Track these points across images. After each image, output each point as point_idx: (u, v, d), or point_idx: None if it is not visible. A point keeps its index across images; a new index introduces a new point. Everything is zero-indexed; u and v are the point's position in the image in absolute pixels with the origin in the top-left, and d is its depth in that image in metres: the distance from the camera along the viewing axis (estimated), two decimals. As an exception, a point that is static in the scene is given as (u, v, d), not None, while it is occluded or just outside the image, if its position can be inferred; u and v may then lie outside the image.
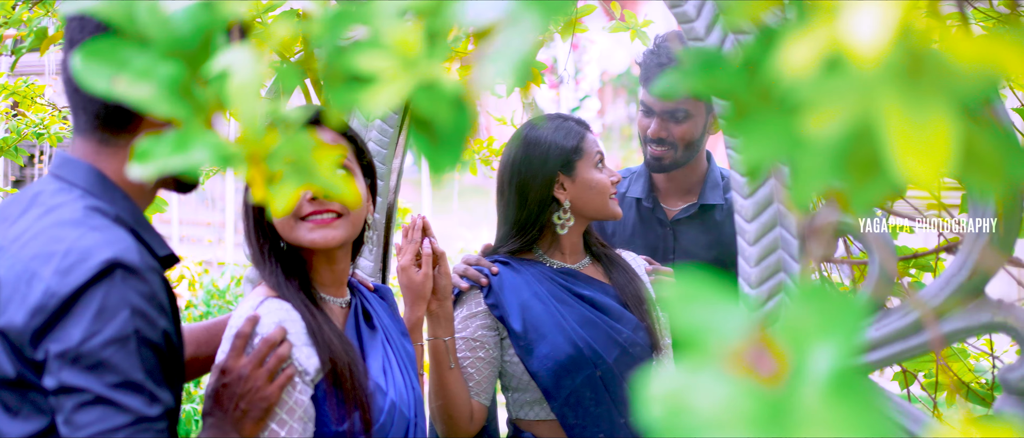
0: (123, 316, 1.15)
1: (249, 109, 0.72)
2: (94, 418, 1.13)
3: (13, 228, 1.26)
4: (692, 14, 1.65)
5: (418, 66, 0.70)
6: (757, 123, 0.68)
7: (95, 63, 0.80)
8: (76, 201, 1.24)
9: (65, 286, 1.15)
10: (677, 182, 2.51)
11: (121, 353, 1.14)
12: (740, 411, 0.45)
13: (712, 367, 0.47)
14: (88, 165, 1.28)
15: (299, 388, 1.52)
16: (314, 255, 1.65)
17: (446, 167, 0.74)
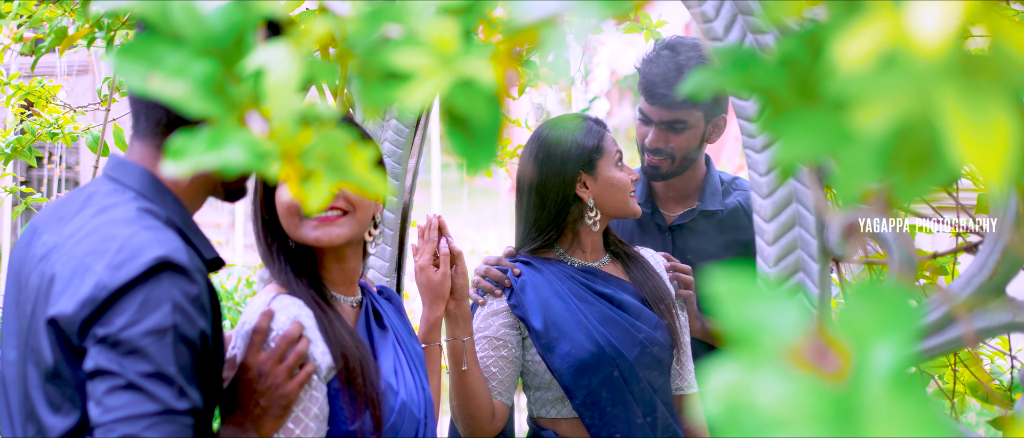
0: (165, 310, 1.20)
1: (285, 106, 0.72)
2: (124, 402, 1.17)
3: (68, 226, 1.31)
4: (711, 14, 1.65)
5: (455, 63, 0.70)
6: (797, 120, 0.67)
7: (130, 61, 0.80)
8: (129, 202, 1.30)
9: (115, 280, 1.20)
10: (676, 188, 2.50)
11: (157, 344, 1.19)
12: (805, 408, 0.44)
13: (772, 364, 0.47)
14: (143, 168, 1.33)
15: (314, 385, 1.52)
16: (324, 253, 1.65)
17: (481, 164, 0.74)
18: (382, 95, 0.72)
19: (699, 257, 2.41)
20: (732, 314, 0.52)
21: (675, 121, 2.37)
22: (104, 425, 1.17)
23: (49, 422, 1.25)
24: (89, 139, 2.37)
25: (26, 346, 1.29)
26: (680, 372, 2.17)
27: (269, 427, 1.42)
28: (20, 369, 1.31)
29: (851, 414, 0.44)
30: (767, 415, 0.45)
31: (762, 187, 1.63)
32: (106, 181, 1.35)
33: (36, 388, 1.27)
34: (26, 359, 1.29)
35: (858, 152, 0.61)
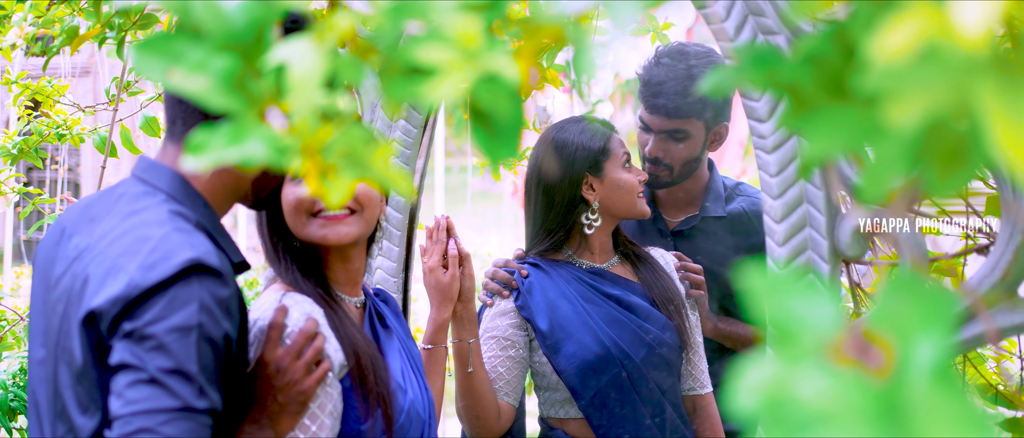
0: (191, 309, 1.21)
1: (308, 101, 0.72)
2: (144, 396, 1.18)
3: (99, 227, 1.32)
4: (722, 15, 1.65)
5: (479, 59, 0.70)
6: (825, 116, 0.67)
7: (150, 56, 0.80)
8: (160, 205, 1.31)
9: (148, 279, 1.21)
10: (678, 194, 2.48)
11: (181, 342, 1.19)
12: (849, 403, 0.44)
13: (812, 359, 0.47)
14: (173, 171, 1.35)
15: (330, 382, 1.51)
16: (329, 253, 1.64)
17: (503, 159, 0.74)
18: (405, 91, 0.72)
19: (701, 263, 2.40)
20: (770, 310, 0.51)
21: (675, 131, 2.35)
22: (123, 417, 1.18)
23: (79, 422, 1.26)
24: (96, 140, 2.37)
25: (57, 346, 1.30)
26: (691, 372, 2.16)
27: (286, 424, 1.42)
28: (50, 369, 1.32)
29: (896, 409, 0.44)
30: (810, 410, 0.45)
31: (773, 188, 1.62)
32: (136, 183, 1.36)
33: (67, 388, 1.28)
34: (58, 359, 1.30)
35: (888, 147, 0.61)
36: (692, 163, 2.39)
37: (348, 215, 1.60)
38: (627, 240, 2.22)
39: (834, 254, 1.60)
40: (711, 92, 2.12)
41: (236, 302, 1.30)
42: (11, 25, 1.92)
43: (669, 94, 2.31)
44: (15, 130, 2.46)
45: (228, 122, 0.78)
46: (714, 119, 2.37)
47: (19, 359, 2.42)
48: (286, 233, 1.62)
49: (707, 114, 2.35)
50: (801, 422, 0.46)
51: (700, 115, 2.34)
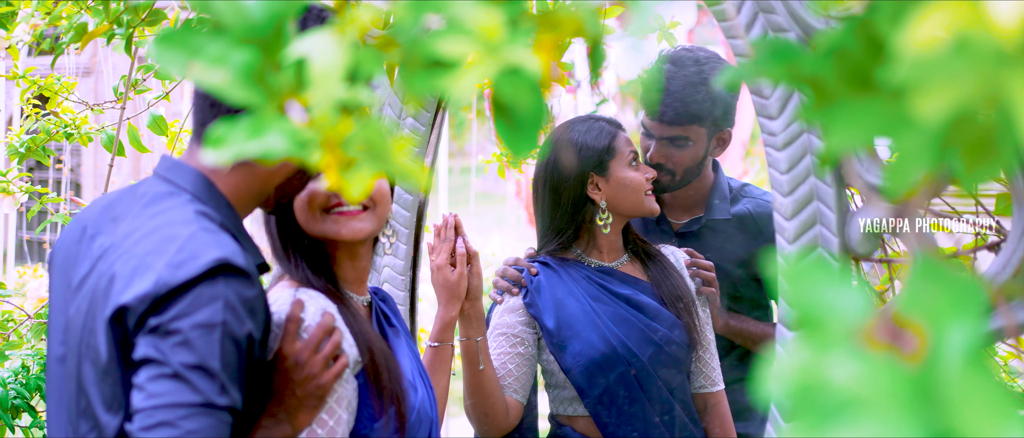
0: (216, 306, 1.21)
1: (330, 94, 0.72)
2: (166, 390, 1.18)
3: (123, 226, 1.33)
4: (731, 13, 1.65)
5: (501, 51, 0.70)
6: (846, 108, 0.67)
7: (170, 49, 0.80)
8: (186, 205, 1.32)
9: (176, 278, 1.21)
10: (682, 196, 2.46)
11: (205, 338, 1.20)
12: (881, 387, 0.44)
13: (843, 344, 0.47)
14: (199, 172, 1.35)
15: (346, 378, 1.50)
16: (338, 251, 1.63)
17: (525, 151, 0.74)
18: (426, 83, 0.72)
19: None
20: (798, 297, 0.51)
21: (677, 137, 2.33)
22: (144, 411, 1.18)
23: (104, 420, 1.27)
24: (104, 139, 2.37)
25: (81, 344, 1.31)
26: (702, 370, 2.16)
27: (304, 418, 1.41)
28: (74, 366, 1.32)
29: (929, 393, 0.44)
30: (842, 394, 0.45)
31: (783, 185, 1.62)
32: (160, 182, 1.36)
33: (92, 386, 1.28)
34: (82, 357, 1.30)
35: (913, 139, 0.61)
36: (695, 169, 2.37)
37: (362, 211, 1.59)
38: (638, 238, 2.22)
39: (845, 251, 1.60)
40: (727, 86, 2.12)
41: (261, 303, 1.31)
42: (19, 21, 1.92)
43: (670, 100, 2.29)
44: (22, 128, 2.45)
45: (248, 116, 0.78)
46: (717, 125, 2.35)
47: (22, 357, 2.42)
48: (295, 231, 1.61)
49: (710, 120, 2.32)
50: (833, 407, 0.46)
51: (702, 121, 2.31)
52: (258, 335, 1.30)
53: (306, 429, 1.43)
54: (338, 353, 1.47)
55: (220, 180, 1.36)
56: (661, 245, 2.25)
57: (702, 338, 2.14)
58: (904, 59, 0.56)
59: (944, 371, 0.44)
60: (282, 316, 1.46)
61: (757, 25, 1.62)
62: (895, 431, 0.43)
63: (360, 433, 1.52)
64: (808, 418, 0.45)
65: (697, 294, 2.18)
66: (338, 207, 1.58)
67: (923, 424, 0.45)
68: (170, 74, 2.37)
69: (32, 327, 2.31)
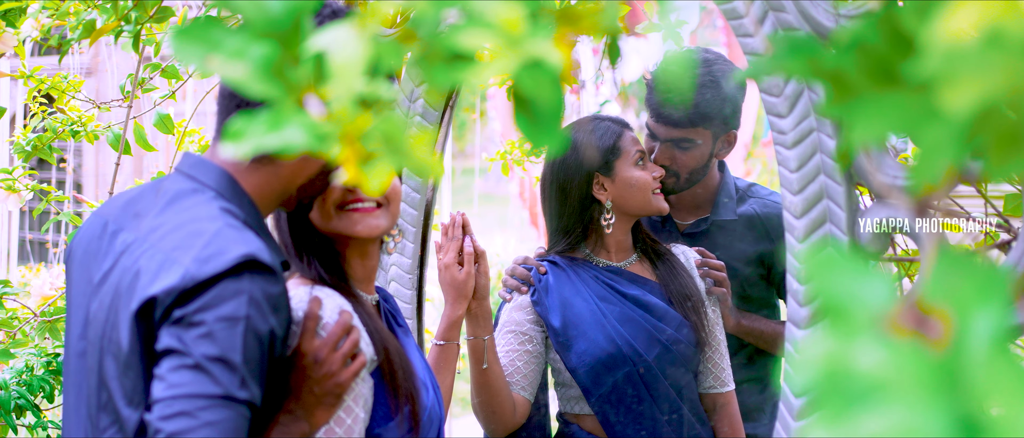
0: (241, 300, 1.22)
1: (350, 87, 0.72)
2: (187, 380, 1.19)
3: (147, 222, 1.34)
4: (741, 11, 1.65)
5: (523, 44, 0.70)
6: (869, 103, 0.67)
7: (189, 43, 0.80)
8: (210, 201, 1.33)
9: (202, 272, 1.23)
10: (688, 197, 2.44)
11: (228, 331, 1.21)
12: (908, 372, 0.44)
13: (868, 331, 0.47)
14: (223, 170, 1.36)
15: (363, 376, 1.50)
16: (348, 249, 1.63)
17: (545, 145, 0.74)
18: (447, 77, 0.72)
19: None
20: (821, 286, 0.51)
21: (681, 139, 2.31)
22: (164, 400, 1.19)
23: (125, 414, 1.28)
24: (110, 137, 2.36)
25: (103, 338, 1.31)
26: (711, 370, 2.16)
27: (321, 416, 1.41)
28: (95, 361, 1.32)
29: (955, 379, 0.44)
30: (868, 381, 0.45)
31: (793, 184, 1.62)
32: (183, 179, 1.37)
33: (114, 380, 1.29)
34: (103, 351, 1.31)
35: (939, 132, 0.61)
36: (699, 171, 2.36)
37: (376, 208, 1.59)
38: (648, 237, 2.22)
39: (855, 251, 1.60)
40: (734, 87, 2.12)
41: (284, 300, 1.32)
42: (26, 17, 1.92)
43: (676, 102, 2.28)
44: (28, 126, 2.45)
45: (267, 109, 0.78)
46: (722, 127, 2.33)
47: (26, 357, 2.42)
48: (307, 228, 1.61)
49: (714, 123, 2.30)
50: (858, 393, 0.46)
51: (707, 124, 2.29)
52: (280, 332, 1.31)
53: (323, 427, 1.43)
54: (356, 352, 1.47)
55: (243, 178, 1.37)
56: (672, 245, 2.25)
57: (711, 338, 2.14)
58: (932, 52, 0.56)
59: (970, 357, 0.45)
60: (299, 314, 1.46)
61: (767, 23, 1.62)
62: (922, 416, 0.44)
63: (373, 432, 1.51)
64: (833, 405, 0.45)
65: (707, 294, 2.18)
66: (353, 203, 1.58)
67: (950, 409, 0.45)
68: (177, 73, 2.37)
69: (37, 325, 2.31)
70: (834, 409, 0.44)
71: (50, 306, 2.35)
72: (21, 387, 2.43)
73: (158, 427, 1.18)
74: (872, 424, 0.44)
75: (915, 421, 0.43)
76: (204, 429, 1.17)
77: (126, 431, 1.28)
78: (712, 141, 2.33)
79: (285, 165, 1.38)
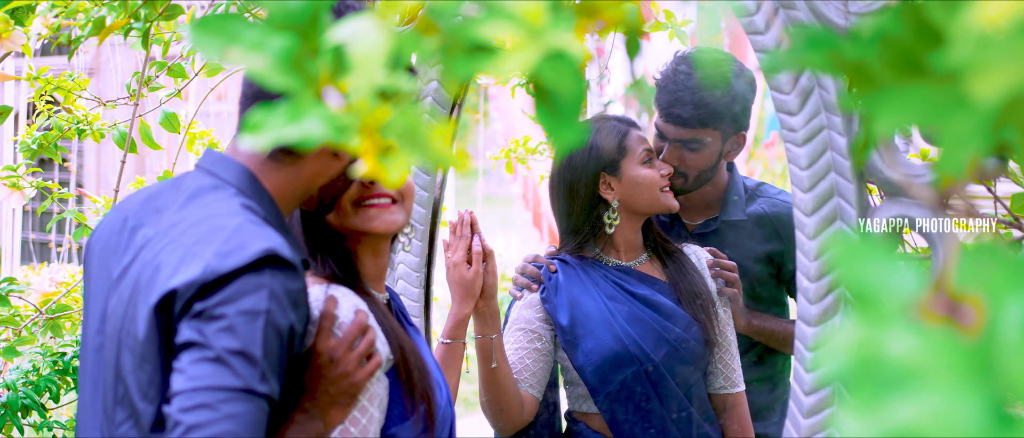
0: (261, 294, 1.22)
1: (371, 79, 0.72)
2: (207, 373, 1.19)
3: (167, 217, 1.34)
4: (751, 8, 1.65)
5: (544, 35, 0.70)
6: (894, 94, 0.67)
7: (208, 35, 0.80)
8: (231, 198, 1.33)
9: (224, 266, 1.23)
10: (696, 198, 2.42)
11: (248, 325, 1.21)
12: (940, 359, 0.44)
13: (898, 319, 0.47)
14: (243, 167, 1.36)
15: (378, 376, 1.49)
16: (360, 247, 1.61)
17: (567, 138, 0.73)
18: (467, 68, 0.72)
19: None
20: (848, 274, 0.51)
21: (690, 140, 2.28)
22: (184, 392, 1.18)
23: (141, 408, 1.27)
24: (116, 135, 2.36)
25: (121, 332, 1.31)
26: (722, 371, 2.15)
27: (336, 416, 1.40)
28: (112, 355, 1.32)
29: (988, 365, 0.44)
30: (900, 368, 0.45)
31: (803, 181, 1.62)
32: (203, 175, 1.37)
33: (130, 374, 1.29)
34: (121, 345, 1.31)
35: (966, 121, 0.61)
36: (707, 172, 2.34)
37: (392, 203, 1.58)
38: (660, 237, 2.21)
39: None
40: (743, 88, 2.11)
41: (304, 297, 1.32)
42: (35, 15, 1.92)
43: (685, 103, 2.26)
44: (34, 125, 2.45)
45: (286, 101, 0.78)
46: (731, 129, 2.31)
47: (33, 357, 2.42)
48: (320, 226, 1.59)
49: (723, 124, 2.28)
50: (891, 380, 0.46)
51: (716, 125, 2.27)
52: (300, 328, 1.30)
53: (338, 427, 1.42)
54: (371, 351, 1.46)
55: (265, 177, 1.37)
56: (684, 245, 2.24)
57: (722, 339, 2.14)
58: (962, 41, 0.56)
59: (1004, 344, 0.44)
60: (314, 312, 1.45)
61: (777, 21, 1.62)
62: (957, 403, 0.43)
63: (388, 432, 1.50)
64: (866, 392, 0.45)
65: (718, 294, 2.17)
66: (370, 199, 1.57)
67: (984, 396, 0.45)
68: (183, 71, 2.37)
69: (45, 324, 2.31)
70: (866, 396, 0.44)
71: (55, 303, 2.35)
72: (28, 387, 2.43)
73: (178, 419, 1.17)
74: (906, 411, 0.44)
75: (950, 408, 0.43)
76: (224, 422, 1.16)
77: (142, 425, 1.27)
78: (721, 142, 2.30)
79: (307, 165, 1.37)
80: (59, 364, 2.45)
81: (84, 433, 1.38)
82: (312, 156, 1.37)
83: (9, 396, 2.35)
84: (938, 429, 0.42)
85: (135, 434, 1.28)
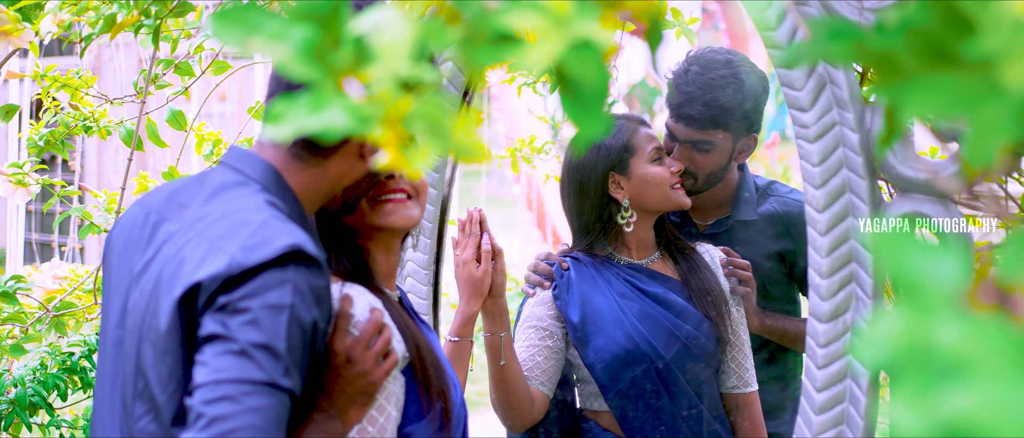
0: (286, 289, 1.22)
1: (396, 68, 0.72)
2: (232, 365, 1.18)
3: (191, 212, 1.34)
4: (763, 3, 1.65)
5: (570, 25, 0.69)
6: (922, 84, 0.67)
7: (229, 25, 0.80)
8: (256, 194, 1.33)
9: (249, 260, 1.22)
10: (707, 198, 2.39)
11: (273, 319, 1.20)
12: (992, 348, 0.44)
13: (946, 308, 0.47)
14: (268, 164, 1.36)
15: (395, 374, 1.48)
16: (372, 243, 1.59)
17: (591, 128, 0.73)
18: (492, 58, 0.72)
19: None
20: (893, 264, 0.51)
21: (700, 141, 2.25)
22: (207, 385, 1.18)
23: (161, 401, 1.27)
24: (122, 133, 2.36)
25: (142, 325, 1.31)
26: (735, 370, 2.14)
27: (354, 415, 1.38)
28: (132, 349, 1.32)
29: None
30: (951, 356, 0.44)
31: (815, 178, 1.62)
32: (228, 171, 1.37)
33: (151, 367, 1.28)
34: (142, 339, 1.30)
35: (996, 110, 0.61)
36: (718, 173, 2.31)
37: (408, 199, 1.57)
38: (673, 235, 2.21)
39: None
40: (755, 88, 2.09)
41: (328, 294, 1.31)
42: (45, 13, 1.92)
43: (696, 104, 2.23)
44: (41, 122, 2.45)
45: (308, 92, 0.77)
46: (742, 130, 2.29)
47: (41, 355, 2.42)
48: (334, 223, 1.58)
49: (735, 125, 2.25)
50: (942, 370, 0.45)
51: (727, 126, 2.24)
52: (322, 325, 1.30)
53: (356, 426, 1.40)
54: (388, 350, 1.45)
55: (290, 175, 1.36)
56: (697, 244, 2.23)
57: (735, 338, 2.13)
58: (996, 29, 0.56)
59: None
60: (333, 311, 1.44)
61: (789, 18, 1.62)
62: (1011, 392, 0.43)
63: (404, 430, 1.49)
64: (916, 382, 0.45)
65: (732, 293, 2.16)
66: (385, 195, 1.55)
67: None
68: (190, 69, 2.37)
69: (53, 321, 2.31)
70: (917, 386, 0.44)
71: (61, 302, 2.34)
72: (37, 384, 2.43)
73: (201, 411, 1.17)
74: (958, 400, 0.43)
75: (1004, 397, 0.43)
76: (247, 415, 1.16)
77: (162, 418, 1.27)
78: (732, 142, 2.28)
79: (333, 165, 1.37)
80: (67, 362, 2.46)
81: (102, 427, 1.37)
82: (337, 156, 1.37)
83: (18, 392, 2.34)
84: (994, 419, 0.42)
85: (154, 428, 1.28)
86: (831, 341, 1.65)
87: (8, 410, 2.38)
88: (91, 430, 1.43)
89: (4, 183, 2.33)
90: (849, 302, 1.63)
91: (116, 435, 1.34)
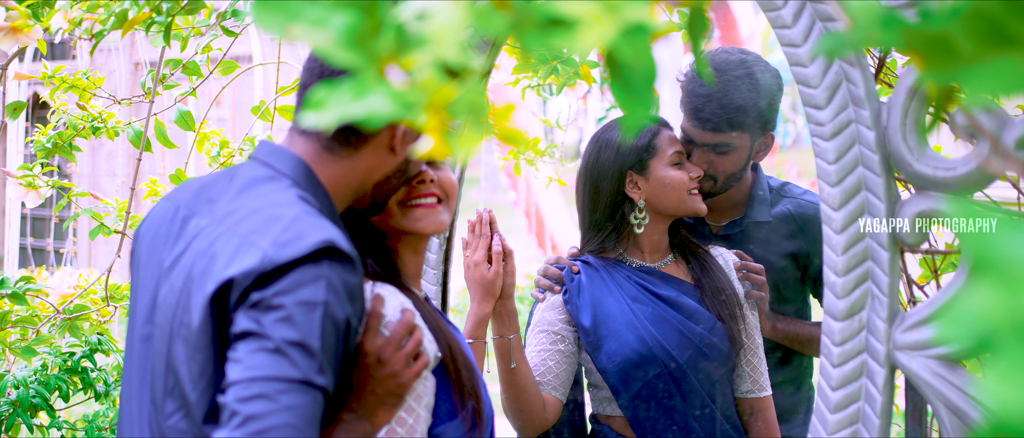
0: (319, 285, 1.21)
1: (447, 52, 0.71)
2: (265, 362, 1.17)
3: (221, 207, 1.33)
4: (779, 3, 1.64)
5: (620, 9, 0.69)
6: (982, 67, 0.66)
7: (269, 13, 0.79)
8: (287, 189, 1.32)
9: (281, 256, 1.21)
10: (720, 200, 2.37)
11: (306, 316, 1.19)
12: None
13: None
14: (299, 159, 1.35)
15: (425, 375, 1.46)
16: (400, 244, 1.58)
17: (639, 113, 0.72)
18: (544, 43, 0.71)
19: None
20: (978, 242, 0.50)
21: (718, 144, 2.23)
22: (242, 382, 1.16)
23: (193, 398, 1.26)
24: (131, 134, 2.35)
25: (173, 321, 1.29)
26: (750, 374, 2.12)
27: (383, 416, 1.37)
28: (163, 345, 1.30)
29: None
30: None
31: (830, 175, 1.61)
32: (258, 166, 1.36)
33: (183, 364, 1.27)
34: (173, 335, 1.29)
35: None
36: (737, 174, 2.29)
37: (438, 204, 1.55)
38: (686, 238, 2.19)
39: (893, 242, 1.59)
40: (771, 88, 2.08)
41: (360, 291, 1.30)
42: (57, 10, 1.91)
43: (713, 106, 2.20)
44: (50, 124, 2.43)
45: (350, 78, 0.77)
46: (759, 130, 2.27)
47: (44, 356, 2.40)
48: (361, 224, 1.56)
49: (752, 126, 2.23)
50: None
51: (744, 127, 2.22)
52: (355, 322, 1.29)
53: (385, 427, 1.39)
54: (419, 351, 1.43)
55: (320, 169, 1.35)
56: (711, 247, 2.22)
57: (749, 341, 2.11)
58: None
59: None
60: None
61: (805, 15, 1.62)
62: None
63: (434, 430, 1.48)
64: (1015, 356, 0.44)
65: (745, 297, 2.15)
66: (416, 200, 1.54)
67: None
68: (198, 69, 2.36)
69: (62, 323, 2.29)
70: (1017, 360, 0.43)
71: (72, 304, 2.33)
72: (39, 386, 2.41)
73: (235, 409, 1.15)
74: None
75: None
76: (282, 413, 1.14)
77: (193, 416, 1.25)
78: (749, 143, 2.26)
79: (363, 158, 1.36)
80: (68, 362, 2.43)
81: (130, 424, 1.35)
82: (368, 149, 1.36)
83: (20, 393, 2.32)
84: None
85: (185, 425, 1.26)
86: (847, 339, 1.64)
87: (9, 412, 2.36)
88: (119, 427, 1.41)
89: (15, 186, 2.32)
90: (864, 300, 1.62)
91: (146, 432, 1.32)
